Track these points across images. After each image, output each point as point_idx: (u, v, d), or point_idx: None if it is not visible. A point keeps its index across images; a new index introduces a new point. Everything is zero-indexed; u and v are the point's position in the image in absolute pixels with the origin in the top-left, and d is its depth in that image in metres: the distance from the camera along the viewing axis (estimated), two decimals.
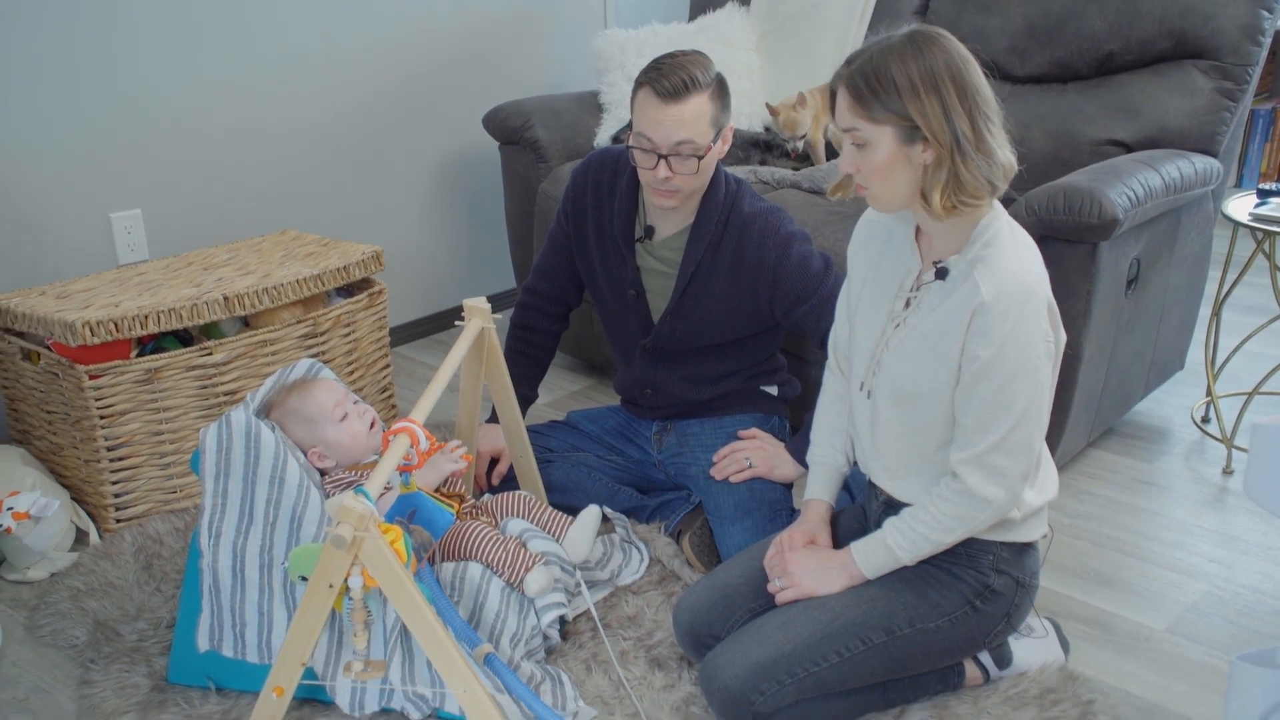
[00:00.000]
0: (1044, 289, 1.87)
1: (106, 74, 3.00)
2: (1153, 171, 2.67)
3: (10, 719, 2.21)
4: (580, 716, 2.12)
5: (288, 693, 1.96)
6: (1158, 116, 2.96)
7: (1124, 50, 3.04)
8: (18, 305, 2.73)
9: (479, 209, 3.89)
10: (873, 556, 2.04)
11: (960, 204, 1.83)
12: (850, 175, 1.93)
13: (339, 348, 3.03)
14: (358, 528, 1.81)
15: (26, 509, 2.57)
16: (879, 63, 1.82)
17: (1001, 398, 1.85)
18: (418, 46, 3.61)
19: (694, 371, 2.66)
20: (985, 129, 1.83)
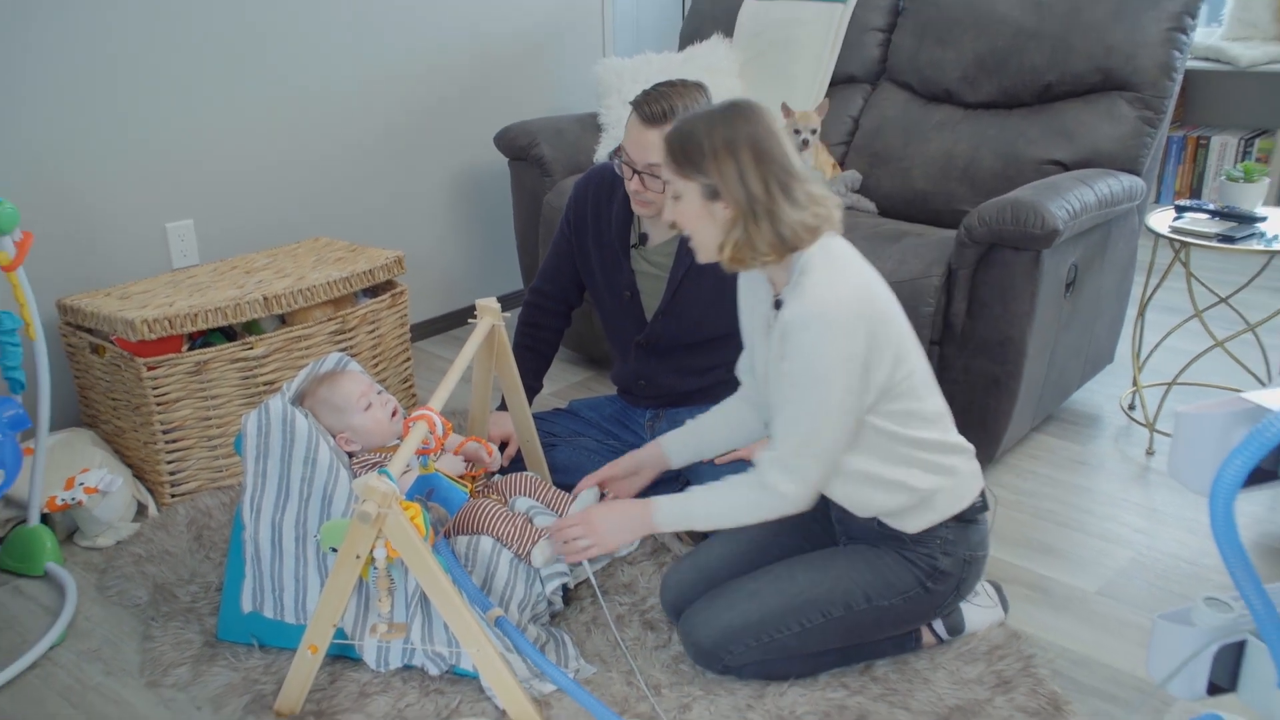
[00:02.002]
0: (847, 311, 1.80)
1: (164, 100, 2.97)
2: (1087, 188, 2.66)
3: (85, 667, 2.20)
4: (581, 673, 2.11)
5: (321, 650, 1.96)
6: (1091, 140, 2.94)
7: (1060, 81, 3.02)
8: (86, 305, 2.71)
9: (490, 218, 3.87)
10: (671, 513, 2.01)
11: (749, 258, 1.85)
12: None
13: (365, 343, 3.00)
14: (381, 505, 1.80)
15: (95, 484, 2.55)
16: (692, 127, 1.85)
17: (801, 407, 1.84)
18: (437, 73, 3.58)
19: (683, 364, 2.64)
20: (779, 194, 1.82)
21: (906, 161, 3.19)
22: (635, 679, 2.09)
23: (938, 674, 2.10)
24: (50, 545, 2.51)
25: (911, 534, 2.01)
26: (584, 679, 2.09)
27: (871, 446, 1.93)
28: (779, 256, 1.83)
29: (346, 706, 2.04)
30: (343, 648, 2.14)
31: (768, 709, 2.01)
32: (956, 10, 3.19)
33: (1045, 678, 2.08)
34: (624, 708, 2.02)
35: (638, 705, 2.03)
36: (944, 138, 3.14)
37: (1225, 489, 1.20)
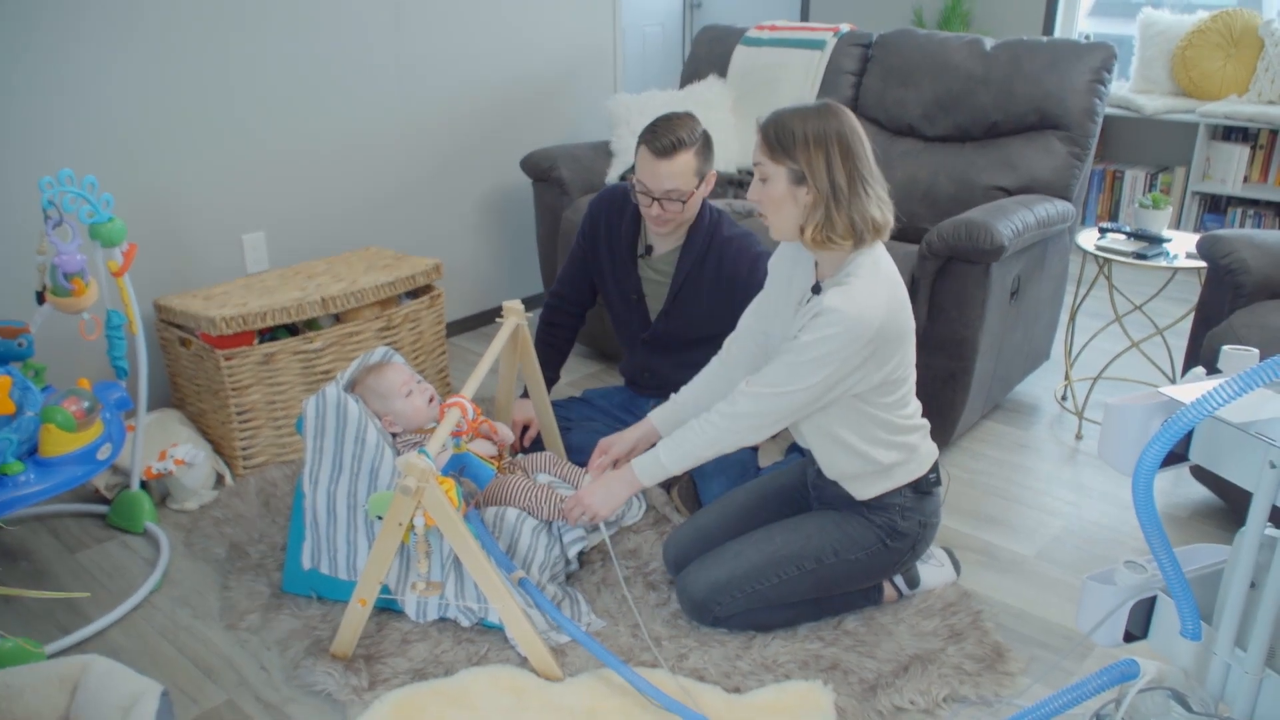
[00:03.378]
0: (875, 322, 1.77)
1: (240, 131, 2.94)
2: (1028, 211, 2.62)
3: (176, 610, 2.20)
4: (592, 626, 2.08)
5: (369, 603, 1.93)
6: (1030, 170, 2.90)
7: (1005, 120, 2.98)
8: (176, 304, 2.68)
9: (516, 231, 3.82)
10: (648, 468, 1.97)
11: (827, 240, 1.80)
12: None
13: (407, 339, 2.96)
14: (420, 480, 1.78)
15: (183, 457, 2.53)
16: (787, 118, 1.80)
17: (798, 370, 1.81)
18: (471, 107, 3.54)
19: (683, 359, 2.58)
20: (860, 188, 1.78)
21: None
22: (640, 632, 2.06)
23: (900, 627, 2.07)
24: (148, 507, 2.49)
25: (867, 499, 1.99)
26: (595, 631, 2.07)
27: (854, 423, 1.91)
28: (852, 241, 1.79)
29: (391, 651, 2.01)
30: (387, 601, 2.11)
31: (754, 658, 1.99)
32: (917, 58, 3.15)
33: (990, 629, 2.06)
34: (629, 657, 1.99)
35: (641, 655, 2.00)
36: (907, 165, 3.09)
37: (1146, 470, 1.18)
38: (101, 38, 2.61)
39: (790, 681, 1.91)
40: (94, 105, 2.63)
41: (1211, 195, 4.59)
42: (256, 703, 1.92)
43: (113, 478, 2.57)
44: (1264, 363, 1.10)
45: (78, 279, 2.22)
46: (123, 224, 2.24)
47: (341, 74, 3.13)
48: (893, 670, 1.94)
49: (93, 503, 2.58)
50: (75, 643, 2.08)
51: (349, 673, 1.94)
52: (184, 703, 1.92)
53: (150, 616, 2.18)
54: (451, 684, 1.91)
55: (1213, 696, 1.29)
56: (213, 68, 2.84)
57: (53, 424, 2.07)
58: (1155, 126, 4.75)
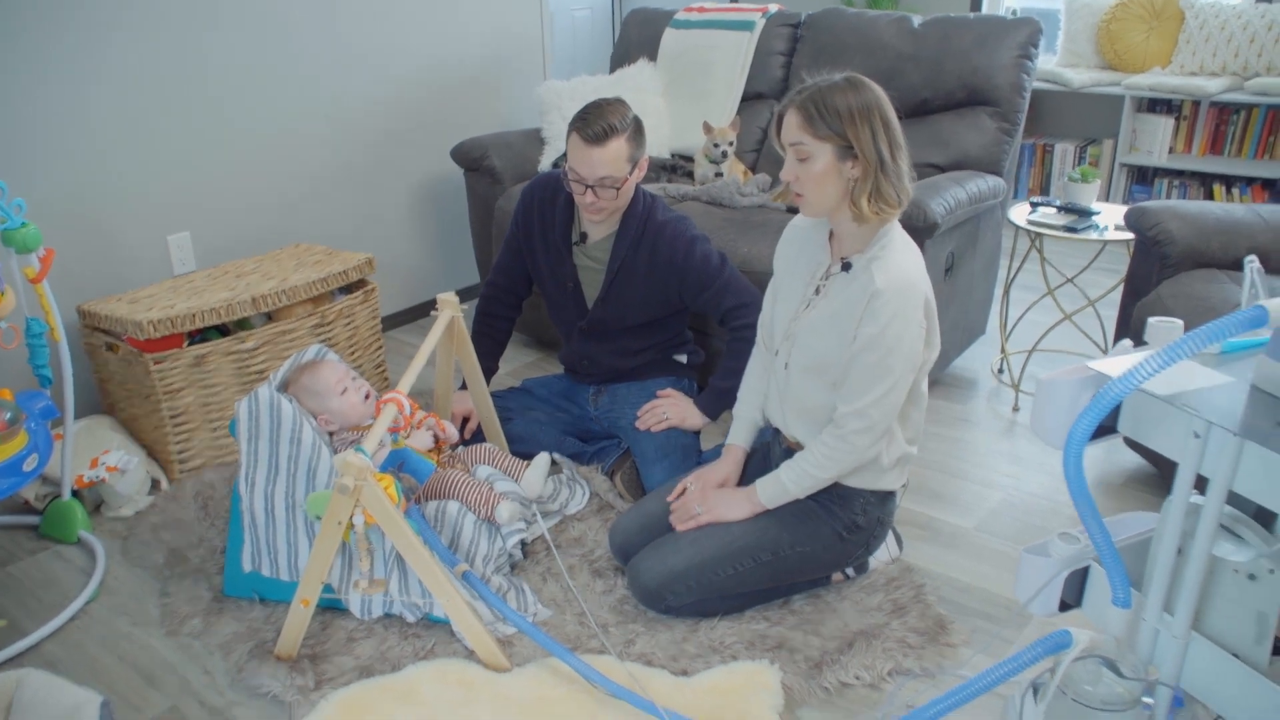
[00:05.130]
0: (924, 287, 1.82)
1: (161, 129, 2.86)
2: (960, 188, 2.65)
3: (115, 619, 2.15)
4: (538, 616, 2.07)
5: (312, 602, 1.91)
6: (961, 146, 2.94)
7: (935, 98, 3.01)
8: (101, 309, 2.60)
9: (449, 221, 3.77)
10: (770, 489, 2.00)
11: (881, 209, 1.80)
12: (789, 183, 1.86)
13: (342, 334, 2.91)
14: (357, 478, 1.75)
15: (115, 463, 2.47)
16: (827, 94, 1.77)
17: (881, 366, 1.81)
18: (400, 96, 3.48)
19: (620, 346, 2.60)
20: (898, 157, 1.80)
21: None
22: (586, 619, 2.06)
23: (844, 604, 2.10)
24: (81, 516, 2.43)
25: (839, 492, 2.00)
26: (541, 621, 2.06)
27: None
28: (898, 210, 1.80)
29: (337, 650, 1.99)
30: (332, 600, 2.09)
31: (701, 641, 1.99)
32: (846, 37, 3.16)
33: (933, 603, 2.09)
34: (576, 644, 1.99)
35: (589, 642, 2.00)
36: None
37: (1075, 444, 1.20)
38: (9, 37, 2.52)
39: (737, 662, 1.92)
40: (3, 109, 2.55)
41: (1139, 167, 4.68)
42: (201, 708, 1.89)
43: (43, 488, 2.51)
44: (1187, 335, 1.12)
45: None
46: (37, 230, 2.18)
47: (265, 66, 3.07)
48: (838, 647, 1.96)
49: (23, 514, 2.51)
50: (9, 658, 2.03)
51: (294, 673, 1.91)
52: (127, 712, 1.89)
53: (88, 627, 2.13)
54: (399, 680, 1.90)
55: (1143, 661, 1.33)
56: (129, 64, 2.76)
57: None
58: (1083, 100, 4.83)
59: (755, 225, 2.82)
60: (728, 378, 2.39)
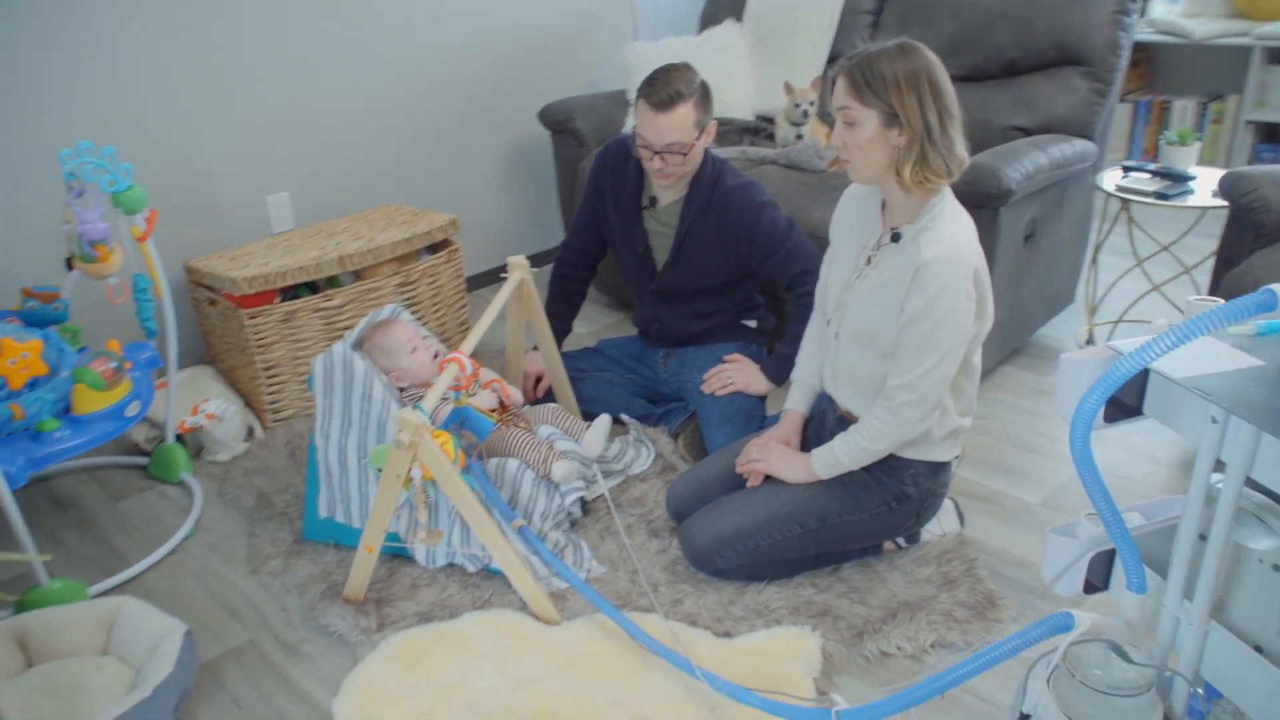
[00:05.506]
0: (973, 259, 1.79)
1: (259, 91, 3.00)
2: (1041, 153, 2.57)
3: (208, 556, 2.32)
4: (592, 572, 2.14)
5: (376, 550, 2.02)
6: (1049, 109, 2.84)
7: (1023, 57, 2.91)
8: (204, 266, 2.77)
9: (536, 183, 3.84)
10: (824, 460, 2.02)
11: (925, 179, 1.77)
12: (838, 149, 1.85)
13: (426, 293, 3.02)
14: (414, 434, 1.84)
15: (214, 411, 2.64)
16: (875, 60, 1.75)
17: (930, 338, 1.80)
18: (490, 57, 3.55)
19: (690, 309, 2.63)
20: (949, 125, 1.77)
21: None
22: (638, 578, 2.12)
23: (894, 574, 2.10)
24: (183, 459, 2.61)
25: (889, 462, 2.00)
26: (594, 578, 2.13)
27: None
28: (946, 179, 1.78)
29: (401, 596, 2.11)
30: (399, 549, 2.20)
31: (747, 604, 2.04)
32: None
33: (984, 577, 2.08)
34: (625, 601, 2.06)
35: (638, 600, 2.06)
36: None
37: (1082, 422, 1.19)
38: (119, 9, 2.68)
39: (779, 627, 1.96)
40: (114, 76, 2.71)
41: (1268, 124, 4.40)
42: (275, 642, 2.03)
43: (151, 431, 2.70)
44: (1194, 319, 1.09)
45: (101, 246, 2.31)
46: (143, 191, 2.32)
47: (359, 31, 3.17)
48: (882, 616, 1.98)
49: (134, 455, 2.71)
50: (115, 585, 2.21)
51: (360, 615, 2.04)
52: (209, 641, 2.04)
53: (183, 561, 2.31)
54: (455, 627, 2.00)
55: (1163, 649, 1.31)
56: (230, 32, 2.89)
57: (83, 384, 2.18)
58: (1206, 52, 4.55)
59: (831, 190, 2.79)
60: (792, 344, 2.39)
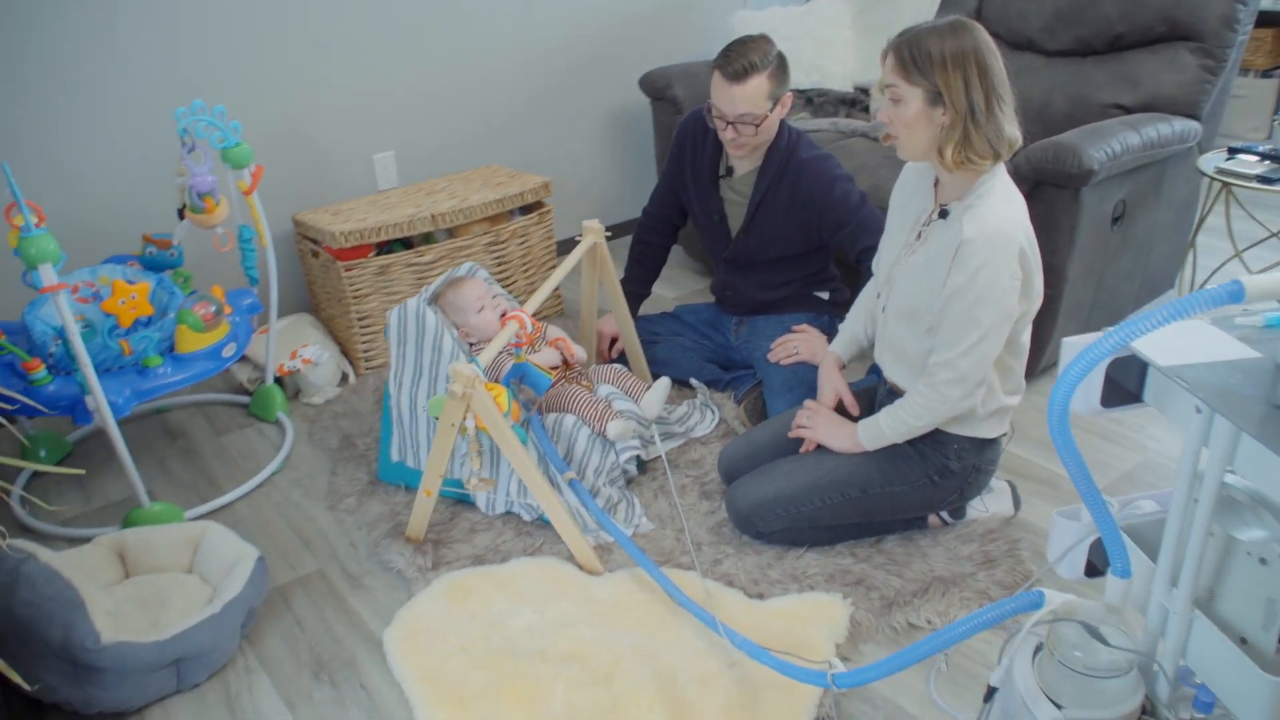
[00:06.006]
0: (1019, 238, 1.77)
1: (368, 53, 3.16)
2: (1133, 132, 2.48)
3: (292, 491, 2.50)
4: (641, 528, 2.22)
5: (434, 494, 2.14)
6: (1153, 86, 2.72)
7: (1130, 32, 2.79)
8: (309, 220, 2.95)
9: (637, 149, 3.90)
10: (870, 431, 2.04)
11: (967, 160, 1.77)
12: (886, 125, 1.86)
13: (515, 253, 3.13)
14: (466, 386, 1.94)
15: (310, 357, 2.83)
16: (922, 38, 1.75)
17: (970, 316, 1.80)
18: (596, 24, 3.62)
19: (763, 279, 2.66)
20: (996, 106, 1.76)
21: None
22: (683, 536, 2.20)
23: (936, 550, 2.11)
24: (280, 400, 2.81)
25: (932, 436, 2.01)
26: (643, 533, 2.21)
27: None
28: (991, 161, 1.77)
29: (459, 538, 2.24)
30: (462, 495, 2.33)
31: (784, 568, 2.08)
32: None
33: (1026, 558, 2.07)
34: (668, 558, 2.14)
35: (680, 557, 2.14)
36: (1023, 83, 2.97)
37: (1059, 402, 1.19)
38: None
39: (812, 593, 2.00)
40: (236, 39, 2.90)
41: None
42: (342, 573, 2.20)
43: (254, 373, 2.92)
44: (1156, 309, 1.09)
45: (209, 198, 2.50)
46: (249, 148, 2.50)
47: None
48: (916, 590, 2.00)
49: (239, 394, 2.94)
50: (209, 510, 2.42)
51: (418, 554, 2.18)
52: (283, 568, 2.22)
53: (269, 494, 2.50)
54: (503, 570, 2.12)
55: (1152, 636, 1.31)
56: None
57: (185, 325, 2.39)
58: None
59: None
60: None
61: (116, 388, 2.25)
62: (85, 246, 2.78)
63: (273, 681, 1.92)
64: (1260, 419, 1.09)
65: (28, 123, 2.67)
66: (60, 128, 2.72)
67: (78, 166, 2.77)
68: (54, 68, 2.66)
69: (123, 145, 2.81)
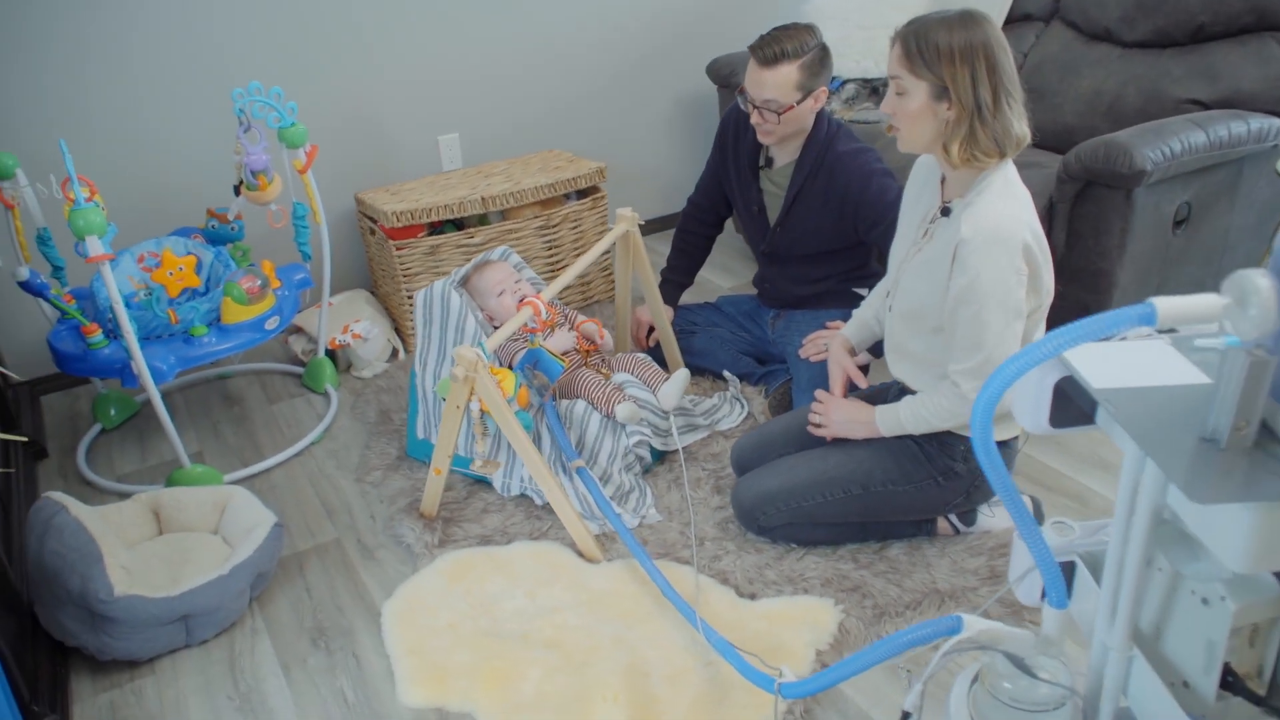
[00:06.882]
0: (1021, 234, 1.68)
1: (436, 37, 3.21)
2: (1199, 130, 2.32)
3: (326, 461, 2.58)
4: (648, 518, 2.22)
5: (444, 472, 2.18)
6: (1234, 81, 2.54)
7: (1214, 22, 2.61)
8: (368, 198, 3.03)
9: (704, 137, 3.84)
10: (888, 419, 1.96)
11: (973, 157, 1.70)
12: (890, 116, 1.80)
13: (567, 237, 3.14)
14: (468, 370, 1.97)
15: (360, 332, 2.92)
16: (930, 29, 1.68)
17: (977, 321, 1.72)
18: (667, 11, 3.58)
19: (799, 273, 2.61)
20: (1005, 103, 1.68)
21: (1059, 97, 2.88)
22: (688, 530, 2.18)
23: (942, 561, 2.04)
24: (330, 372, 2.91)
25: (939, 435, 1.94)
26: (650, 524, 2.21)
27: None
28: (997, 158, 1.71)
29: (469, 518, 2.27)
30: (480, 475, 2.36)
31: (782, 569, 2.05)
32: None
33: None
34: (668, 551, 2.12)
35: (681, 551, 2.12)
36: (1096, 75, 2.81)
37: (979, 424, 1.13)
38: None
39: (805, 596, 1.96)
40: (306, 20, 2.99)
41: None
42: (357, 544, 2.26)
43: (308, 345, 3.02)
44: (1064, 328, 1.02)
45: (262, 176, 2.59)
46: (304, 129, 2.58)
47: None
48: (912, 601, 1.93)
49: (294, 364, 3.05)
50: (247, 475, 2.53)
51: (427, 530, 2.22)
52: (304, 535, 2.30)
53: (305, 462, 2.59)
54: (504, 552, 2.15)
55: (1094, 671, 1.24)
56: None
57: (230, 297, 2.49)
58: None
59: None
60: None
61: (163, 354, 2.37)
62: (159, 218, 2.93)
63: (274, 644, 2.00)
64: (1189, 455, 1.01)
65: (113, 101, 2.82)
66: (140, 107, 2.86)
67: (154, 143, 2.91)
68: (137, 53, 2.80)
69: (195, 124, 2.94)
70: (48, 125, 2.75)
